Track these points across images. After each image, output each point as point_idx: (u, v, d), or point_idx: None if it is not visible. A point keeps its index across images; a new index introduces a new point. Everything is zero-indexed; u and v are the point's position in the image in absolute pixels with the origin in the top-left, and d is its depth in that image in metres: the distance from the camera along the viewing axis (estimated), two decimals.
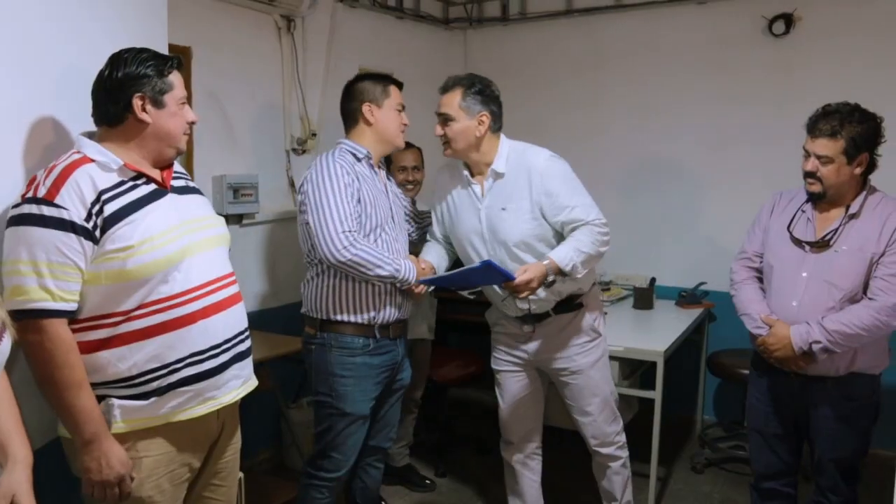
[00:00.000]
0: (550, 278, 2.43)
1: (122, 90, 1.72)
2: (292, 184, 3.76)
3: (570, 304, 2.65)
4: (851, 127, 2.27)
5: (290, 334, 3.65)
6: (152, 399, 1.74)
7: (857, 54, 3.74)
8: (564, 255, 2.43)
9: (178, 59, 1.81)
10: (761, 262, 2.58)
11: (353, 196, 2.40)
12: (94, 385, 1.70)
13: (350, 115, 2.61)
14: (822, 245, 2.37)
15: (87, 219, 1.64)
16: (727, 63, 4.07)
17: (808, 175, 2.37)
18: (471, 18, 4.78)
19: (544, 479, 2.98)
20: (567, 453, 3.44)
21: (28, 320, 1.60)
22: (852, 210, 2.35)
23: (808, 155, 2.36)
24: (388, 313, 2.52)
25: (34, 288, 1.61)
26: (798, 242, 2.42)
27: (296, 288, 3.83)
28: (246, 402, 1.99)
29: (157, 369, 1.73)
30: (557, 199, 2.48)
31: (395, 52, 4.39)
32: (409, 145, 3.49)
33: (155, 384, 1.73)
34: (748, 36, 4.00)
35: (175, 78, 1.79)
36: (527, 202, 2.50)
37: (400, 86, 2.66)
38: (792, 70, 3.90)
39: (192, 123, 1.85)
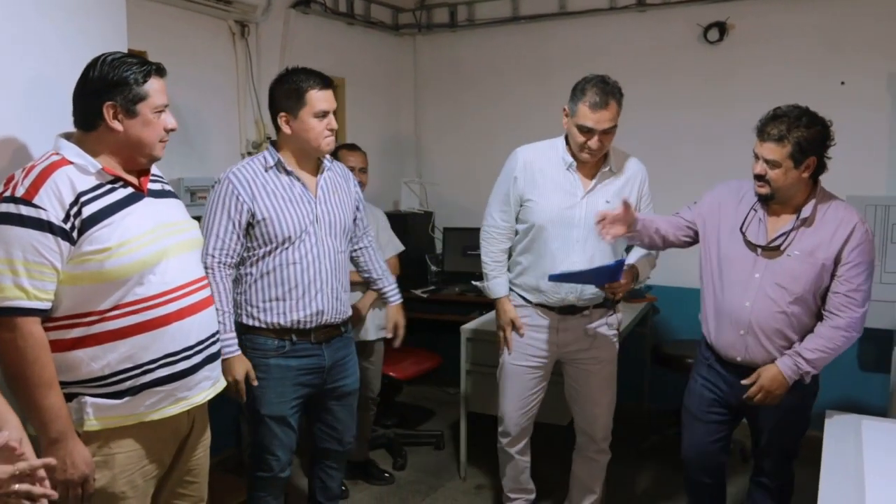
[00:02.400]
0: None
1: (95, 97, 1.73)
2: None
3: (607, 301, 2.83)
4: (798, 131, 2.27)
5: None
6: (126, 398, 1.77)
7: (786, 59, 3.97)
8: (643, 265, 2.77)
9: (158, 66, 1.81)
10: (688, 225, 2.66)
11: (236, 223, 2.39)
12: (67, 384, 1.72)
13: (272, 120, 2.52)
14: (773, 249, 2.40)
15: (65, 220, 1.66)
16: (667, 68, 4.26)
17: (758, 178, 2.39)
18: (420, 25, 4.89)
19: None
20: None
21: (1, 318, 1.63)
22: (804, 215, 2.36)
23: (757, 158, 2.38)
24: (302, 318, 2.48)
25: (9, 286, 1.63)
26: (751, 245, 2.44)
27: None
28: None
29: (130, 369, 1.76)
30: (649, 206, 2.81)
31: (346, 58, 4.48)
32: (354, 147, 3.58)
33: (128, 384, 1.76)
34: (685, 43, 4.20)
35: (153, 85, 1.78)
36: (622, 198, 2.60)
37: (327, 85, 2.49)
38: (727, 75, 4.11)
39: (170, 130, 1.85)
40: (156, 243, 1.79)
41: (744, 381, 2.44)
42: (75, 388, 1.74)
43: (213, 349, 1.96)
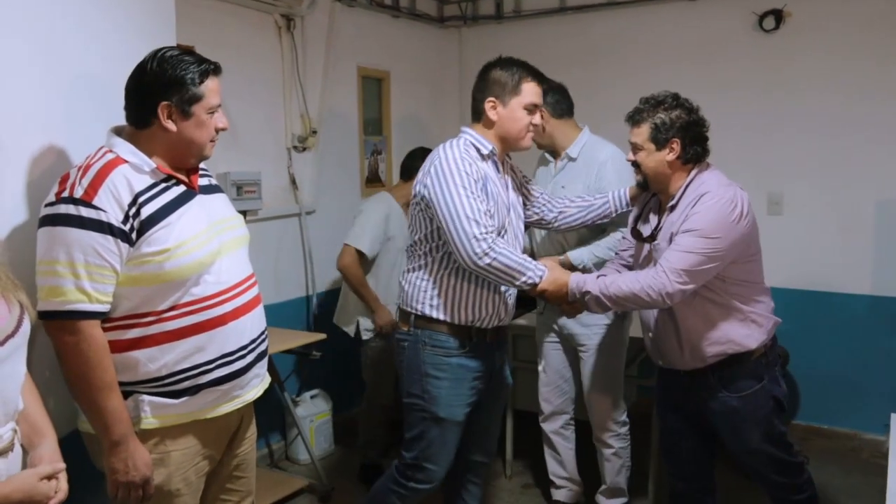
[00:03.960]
0: None
1: (150, 95, 1.69)
2: (293, 181, 3.82)
3: None
4: (656, 114, 2.28)
5: (293, 329, 3.72)
6: (184, 398, 1.76)
7: (845, 49, 3.82)
8: (579, 255, 2.77)
9: (216, 65, 1.76)
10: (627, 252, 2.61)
11: (481, 189, 2.23)
12: (124, 384, 1.72)
13: (474, 107, 2.37)
14: (651, 239, 2.37)
15: (125, 221, 1.64)
16: (719, 59, 4.13)
17: (633, 165, 2.39)
18: (465, 16, 4.83)
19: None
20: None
21: (64, 321, 1.61)
22: (672, 202, 2.31)
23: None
24: (489, 318, 2.34)
25: (71, 289, 1.61)
26: (641, 237, 2.43)
27: (298, 284, 3.93)
28: None
29: (188, 370, 1.75)
30: (606, 189, 2.72)
31: (391, 51, 4.46)
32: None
33: (186, 384, 1.75)
34: (739, 32, 4.07)
35: (209, 86, 1.73)
36: (582, 186, 2.78)
37: (542, 82, 2.37)
38: (782, 65, 3.97)
39: (221, 130, 1.81)
40: (211, 242, 1.77)
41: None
42: (131, 387, 1.73)
43: (263, 347, 1.95)
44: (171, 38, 2.29)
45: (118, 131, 1.76)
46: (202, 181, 1.87)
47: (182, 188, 1.78)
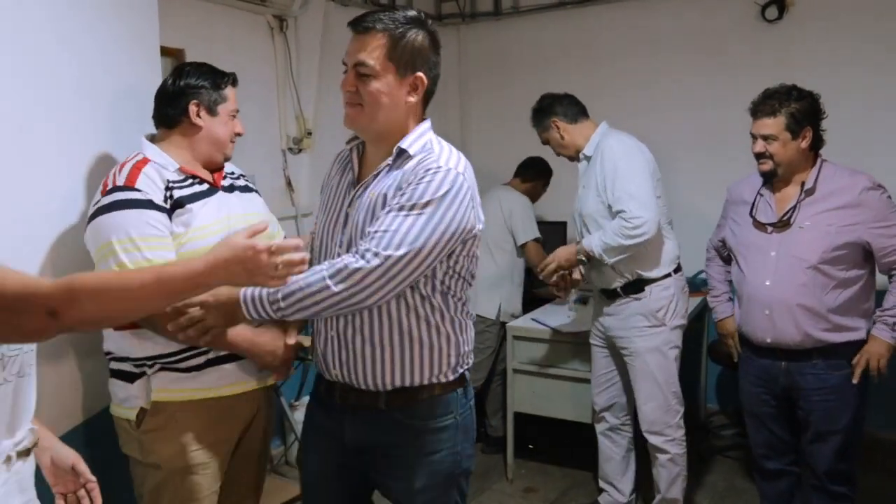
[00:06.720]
0: (579, 257, 2.81)
1: (181, 96, 1.90)
2: (289, 183, 3.78)
3: (636, 287, 2.86)
4: (789, 104, 2.43)
5: None
6: (192, 373, 1.85)
7: (848, 39, 3.74)
8: (589, 241, 2.79)
9: (233, 76, 2.00)
10: (723, 247, 2.79)
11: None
12: (140, 359, 1.83)
13: None
14: (783, 224, 2.49)
15: (164, 201, 1.82)
16: (721, 50, 4.07)
17: (759, 156, 2.51)
18: (463, 13, 4.79)
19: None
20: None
21: None
22: (807, 186, 2.47)
23: (755, 138, 2.51)
24: (318, 364, 1.81)
25: (137, 261, 1.72)
26: (761, 226, 2.54)
27: None
28: None
29: (197, 346, 1.81)
30: (613, 182, 2.75)
31: None
32: None
33: (196, 360, 1.85)
34: (741, 22, 4.00)
35: (229, 92, 1.97)
36: (593, 183, 2.82)
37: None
38: (785, 55, 3.89)
39: (238, 135, 2.00)
40: (222, 233, 1.84)
41: (853, 362, 2.45)
42: (147, 362, 1.83)
43: None
44: (154, 42, 2.30)
45: (150, 138, 1.94)
46: (226, 181, 2.01)
47: (205, 186, 1.92)
